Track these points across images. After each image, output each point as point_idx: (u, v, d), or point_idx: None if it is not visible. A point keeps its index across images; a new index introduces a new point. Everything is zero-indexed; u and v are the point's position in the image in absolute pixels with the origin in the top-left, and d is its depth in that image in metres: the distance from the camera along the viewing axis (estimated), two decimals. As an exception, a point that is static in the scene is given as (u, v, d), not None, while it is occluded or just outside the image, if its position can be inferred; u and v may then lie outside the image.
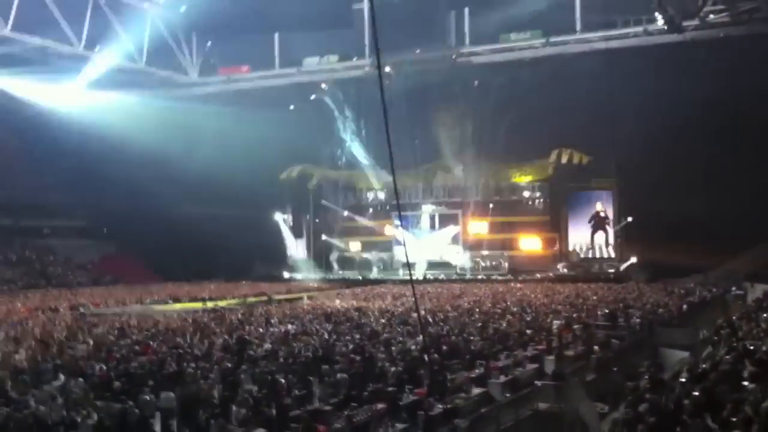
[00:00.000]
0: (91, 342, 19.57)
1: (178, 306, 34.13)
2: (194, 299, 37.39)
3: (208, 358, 16.71)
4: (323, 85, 57.66)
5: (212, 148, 53.85)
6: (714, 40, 45.00)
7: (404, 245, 53.78)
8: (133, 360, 16.51)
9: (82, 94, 54.09)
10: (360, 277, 55.50)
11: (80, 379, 14.46)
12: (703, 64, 43.42)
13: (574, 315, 24.73)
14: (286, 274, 58.19)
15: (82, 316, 28.99)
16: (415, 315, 23.58)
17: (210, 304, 33.65)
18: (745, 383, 10.22)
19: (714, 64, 42.91)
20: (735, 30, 45.22)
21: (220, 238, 53.83)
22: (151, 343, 19.24)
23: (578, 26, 50.44)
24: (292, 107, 57.11)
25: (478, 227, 57.32)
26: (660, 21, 44.61)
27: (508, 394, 14.86)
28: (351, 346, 17.97)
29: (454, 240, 57.72)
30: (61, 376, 14.96)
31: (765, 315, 17.66)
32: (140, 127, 52.94)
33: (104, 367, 15.58)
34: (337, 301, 34.09)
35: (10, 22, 45.23)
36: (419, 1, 52.88)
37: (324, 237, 61.80)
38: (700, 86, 42.88)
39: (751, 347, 12.64)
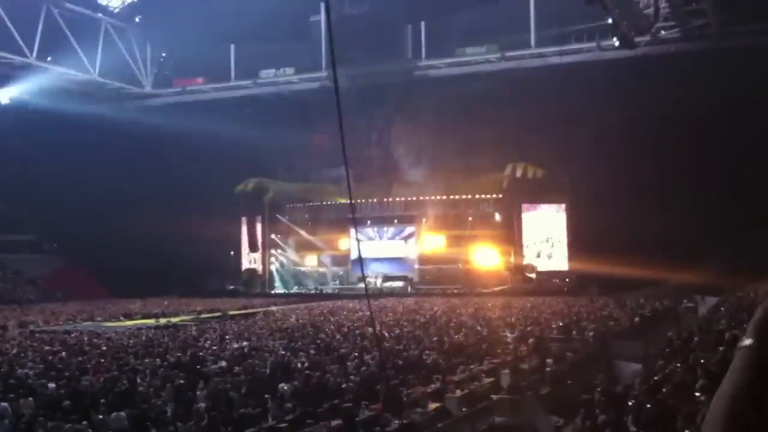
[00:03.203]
0: (41, 360, 19.13)
1: (130, 323, 33.55)
2: (147, 316, 36.84)
3: (161, 376, 16.43)
4: None
5: (166, 161, 53.32)
6: (665, 55, 46.00)
7: (360, 259, 53.69)
8: (84, 378, 16.16)
9: (32, 104, 53.23)
10: (315, 292, 55.22)
11: (30, 399, 14.10)
12: (655, 79, 44.37)
13: (529, 328, 24.87)
14: (240, 290, 57.64)
15: (32, 333, 28.35)
16: (371, 329, 23.51)
17: (163, 321, 33.18)
18: (697, 395, 10.36)
19: (666, 79, 43.83)
20: (686, 45, 46.31)
21: (174, 253, 53.07)
22: (103, 360, 18.86)
23: (533, 41, 51.17)
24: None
25: (434, 241, 57.53)
26: (613, 37, 45.37)
27: (464, 409, 14.86)
28: (306, 362, 17.84)
29: (408, 243, 57.92)
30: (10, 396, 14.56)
31: (715, 327, 17.96)
32: (92, 140, 52.20)
33: (54, 386, 15.23)
34: (293, 317, 33.86)
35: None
36: (376, 15, 53.18)
37: (279, 251, 61.45)
38: (652, 101, 43.79)
39: (702, 360, 12.84)
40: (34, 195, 57.20)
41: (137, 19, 57.00)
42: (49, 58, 51.41)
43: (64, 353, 20.59)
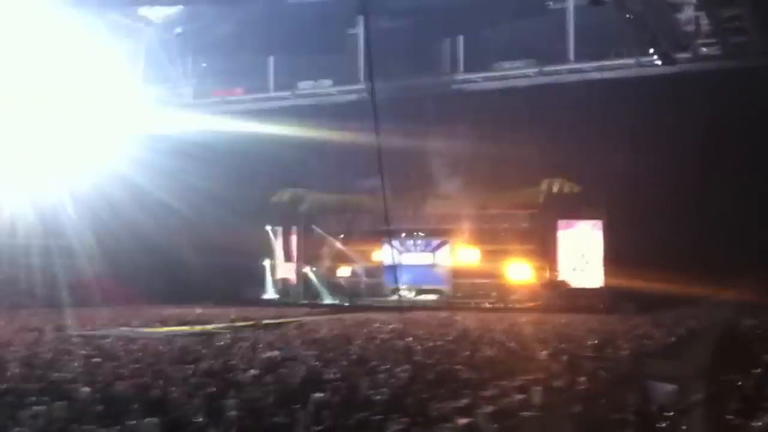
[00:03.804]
0: (76, 364, 19.38)
1: (164, 329, 33.84)
2: (181, 323, 37.12)
3: (193, 383, 16.54)
4: None
5: (203, 171, 53.83)
6: (706, 72, 45.52)
7: (394, 271, 53.74)
8: (117, 384, 16.33)
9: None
10: (348, 303, 55.26)
11: (64, 402, 14.28)
12: (694, 95, 43.91)
13: (562, 345, 24.63)
14: (275, 299, 57.90)
15: (68, 337, 28.72)
16: (402, 342, 23.47)
17: (197, 328, 33.41)
18: (731, 418, 10.20)
19: (706, 96, 43.36)
20: (727, 63, 45.77)
21: (209, 262, 53.48)
22: (137, 366, 19.06)
23: (572, 56, 50.92)
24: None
25: (468, 254, 57.29)
26: (653, 53, 44.99)
27: (494, 425, 14.74)
28: (337, 373, 17.84)
29: (442, 256, 57.71)
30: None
31: (753, 349, 17.67)
32: (128, 148, 53.00)
33: (88, 390, 15.40)
34: (325, 327, 33.90)
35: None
36: (413, 28, 53.32)
37: (314, 261, 61.60)
38: (691, 118, 43.32)
39: (738, 382, 12.64)
40: (71, 201, 57.94)
41: (178, 30, 57.84)
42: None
43: (99, 358, 20.87)
